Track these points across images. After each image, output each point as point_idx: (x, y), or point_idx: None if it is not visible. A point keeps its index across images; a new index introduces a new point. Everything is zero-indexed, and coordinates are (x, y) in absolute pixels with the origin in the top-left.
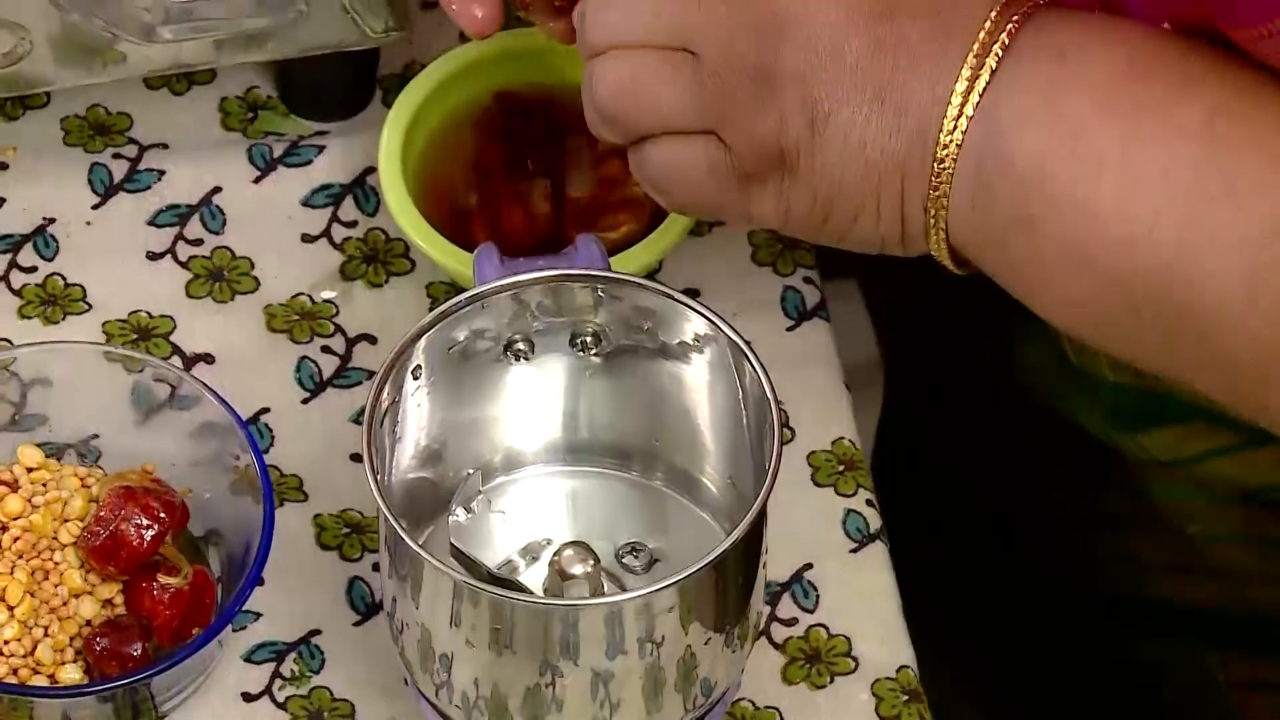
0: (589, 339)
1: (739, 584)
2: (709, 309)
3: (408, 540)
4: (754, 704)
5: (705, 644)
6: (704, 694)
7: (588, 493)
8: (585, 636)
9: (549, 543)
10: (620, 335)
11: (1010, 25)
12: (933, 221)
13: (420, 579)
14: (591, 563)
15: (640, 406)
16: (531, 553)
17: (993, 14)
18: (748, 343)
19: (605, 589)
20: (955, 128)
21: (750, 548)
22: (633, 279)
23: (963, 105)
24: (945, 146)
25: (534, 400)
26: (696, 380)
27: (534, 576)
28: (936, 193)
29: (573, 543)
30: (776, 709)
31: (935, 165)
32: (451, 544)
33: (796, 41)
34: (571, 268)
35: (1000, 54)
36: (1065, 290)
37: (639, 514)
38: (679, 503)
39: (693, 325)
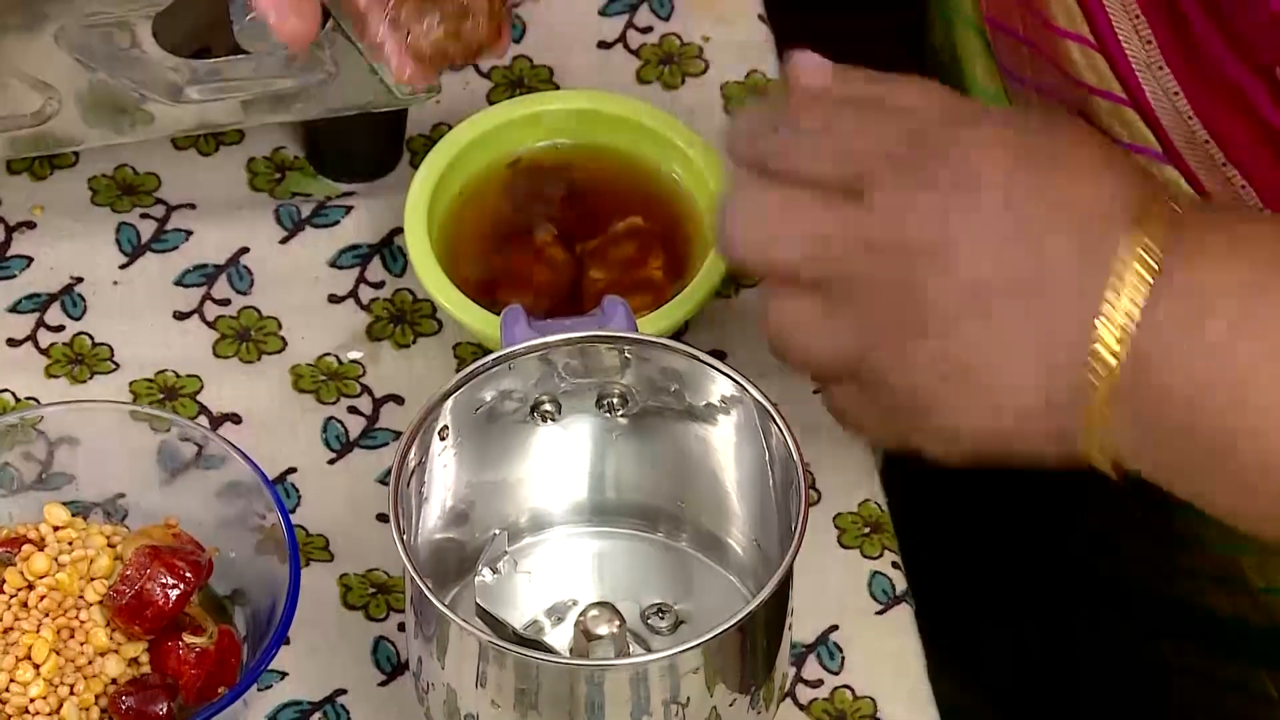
0: (615, 400)
1: (764, 646)
2: (735, 370)
3: (434, 600)
4: None
5: (730, 705)
6: None
7: (613, 554)
8: (610, 697)
9: (575, 603)
10: (647, 396)
11: (1147, 250)
12: (1088, 428)
13: (446, 639)
14: (617, 624)
15: (666, 468)
16: (557, 613)
17: (1127, 238)
18: (774, 404)
19: (630, 650)
20: (1108, 353)
21: (776, 610)
22: (659, 341)
23: (1118, 338)
24: (1098, 373)
25: (560, 461)
26: (723, 442)
27: (559, 637)
28: (1090, 404)
29: (598, 603)
30: None
31: (1090, 379)
32: (477, 604)
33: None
34: (599, 330)
35: (1147, 278)
36: (1223, 491)
37: (664, 575)
38: (704, 564)
39: (719, 387)
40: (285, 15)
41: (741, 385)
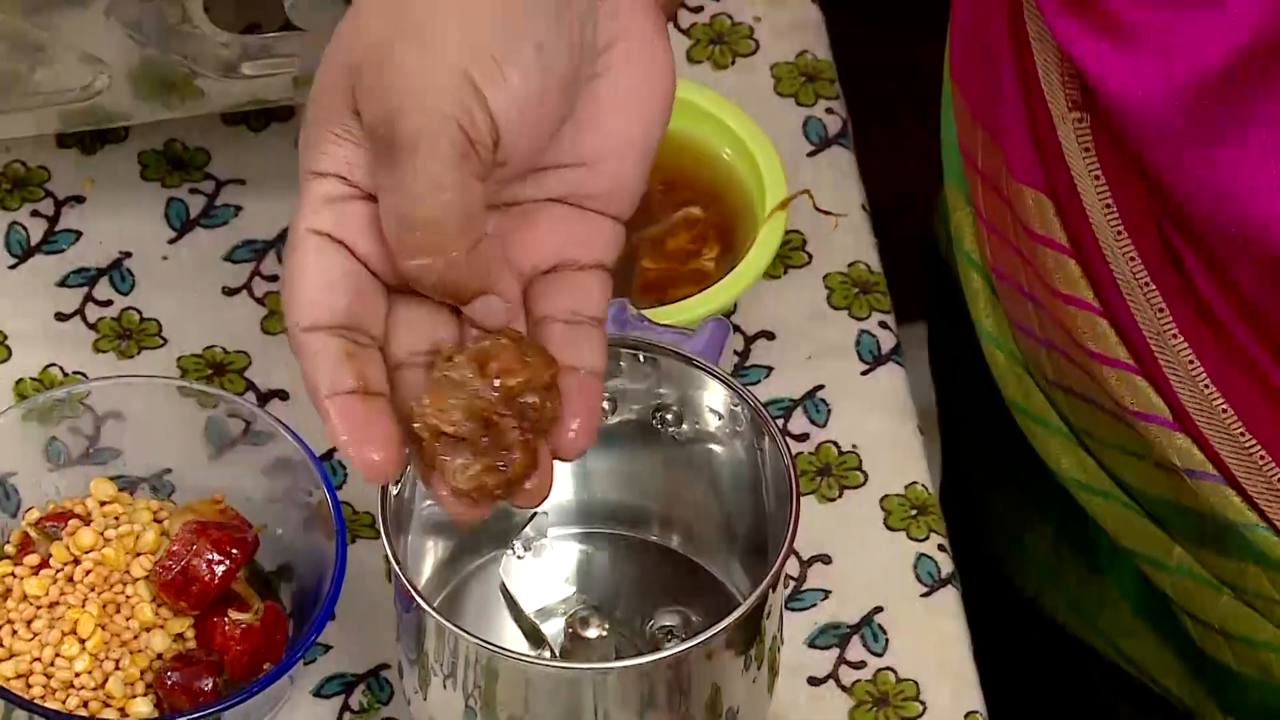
0: (606, 404)
1: (748, 658)
2: (732, 379)
3: (394, 561)
4: None
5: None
6: None
7: (604, 557)
8: (560, 698)
9: (583, 603)
10: (644, 400)
11: None
12: None
13: (413, 619)
14: (606, 627)
15: (661, 472)
16: (567, 609)
17: None
18: (768, 415)
19: (616, 655)
20: None
21: (753, 624)
22: (659, 347)
23: None
24: None
25: (557, 461)
26: (719, 449)
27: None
28: None
29: (592, 606)
30: None
31: None
32: (501, 581)
33: None
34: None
35: None
36: None
37: (658, 581)
38: (702, 570)
39: (716, 394)
40: (365, 449)
41: (738, 394)
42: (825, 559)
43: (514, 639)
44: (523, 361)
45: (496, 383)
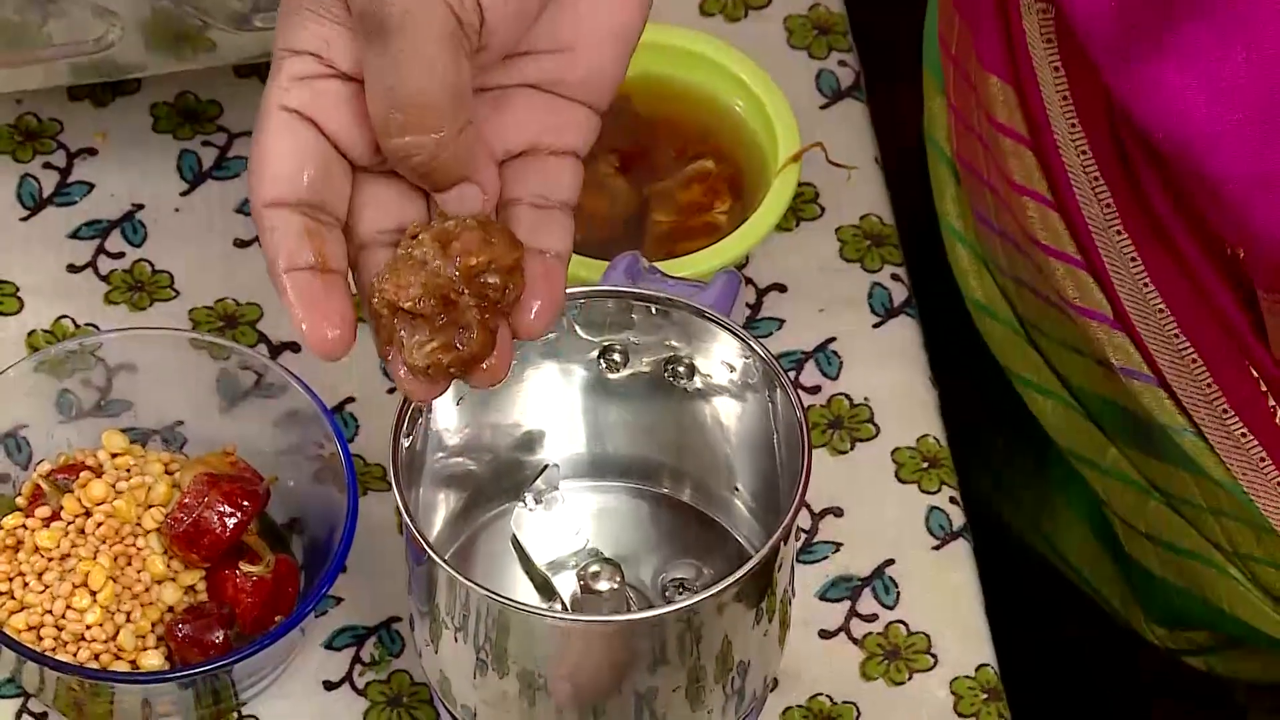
0: (618, 356)
1: (759, 611)
2: (744, 332)
3: (407, 516)
4: (831, 699)
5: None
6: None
7: (617, 509)
8: (572, 650)
9: (594, 556)
10: (654, 353)
11: None
12: None
13: (426, 572)
14: (617, 580)
15: (671, 425)
16: (579, 561)
17: None
18: (781, 367)
19: (628, 608)
20: None
21: (764, 578)
22: (671, 300)
23: None
24: None
25: (564, 416)
26: (730, 401)
27: (564, 585)
28: None
29: (603, 559)
30: (854, 704)
31: None
32: (513, 535)
33: None
34: (608, 284)
35: None
36: None
37: (675, 534)
38: (714, 523)
39: (728, 346)
40: (319, 324)
41: (750, 346)
42: (837, 512)
43: (525, 592)
44: (486, 242)
45: (457, 261)
